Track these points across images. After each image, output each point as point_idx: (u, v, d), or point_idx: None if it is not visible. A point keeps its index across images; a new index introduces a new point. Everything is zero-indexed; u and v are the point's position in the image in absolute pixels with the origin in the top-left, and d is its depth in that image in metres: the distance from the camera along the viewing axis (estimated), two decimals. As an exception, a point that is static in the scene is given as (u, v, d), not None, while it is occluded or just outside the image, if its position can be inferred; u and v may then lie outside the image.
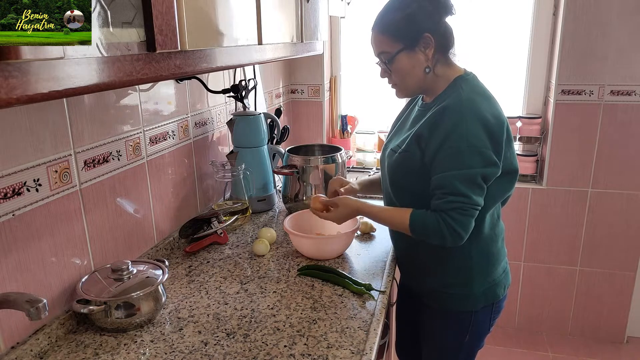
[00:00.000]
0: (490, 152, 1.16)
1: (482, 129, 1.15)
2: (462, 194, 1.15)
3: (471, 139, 1.14)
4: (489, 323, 1.38)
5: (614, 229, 2.48)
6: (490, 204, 1.25)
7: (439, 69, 1.24)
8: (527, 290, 2.68)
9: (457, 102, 1.18)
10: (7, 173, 0.95)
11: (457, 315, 1.34)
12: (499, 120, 1.19)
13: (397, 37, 1.20)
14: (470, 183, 1.15)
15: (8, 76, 0.54)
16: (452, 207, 1.16)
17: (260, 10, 1.15)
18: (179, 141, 1.57)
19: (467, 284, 1.30)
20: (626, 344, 2.62)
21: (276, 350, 1.04)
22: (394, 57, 1.21)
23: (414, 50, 1.20)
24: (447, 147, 1.15)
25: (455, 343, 1.38)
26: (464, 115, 1.15)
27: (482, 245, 1.29)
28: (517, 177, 1.29)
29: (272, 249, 1.53)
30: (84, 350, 1.05)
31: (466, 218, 1.16)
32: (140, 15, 0.73)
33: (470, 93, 1.21)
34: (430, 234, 1.19)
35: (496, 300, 1.34)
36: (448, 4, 1.21)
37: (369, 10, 2.70)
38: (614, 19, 2.22)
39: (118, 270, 1.13)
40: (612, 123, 2.35)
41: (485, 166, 1.16)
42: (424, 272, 1.37)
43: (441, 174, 1.17)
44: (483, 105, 1.19)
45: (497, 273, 1.34)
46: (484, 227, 1.28)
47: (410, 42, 1.20)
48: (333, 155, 1.77)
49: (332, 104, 2.83)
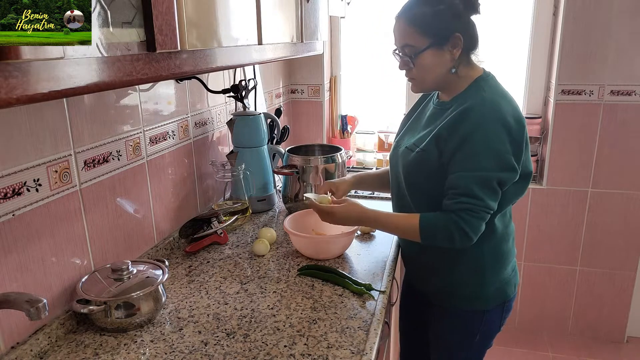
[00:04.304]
0: (510, 156, 1.15)
1: (505, 133, 1.14)
2: (475, 196, 1.14)
3: (492, 142, 1.13)
4: (500, 322, 1.37)
5: (614, 229, 2.48)
6: (504, 205, 1.23)
7: (462, 69, 1.22)
8: (527, 290, 2.68)
9: (479, 103, 1.16)
10: (7, 173, 0.95)
11: (469, 315, 1.34)
12: (520, 123, 1.17)
13: (427, 32, 1.16)
14: (485, 186, 1.14)
15: (8, 76, 0.54)
16: (463, 207, 1.14)
17: (260, 10, 1.15)
18: (179, 141, 1.57)
19: (479, 283, 1.30)
20: (626, 343, 2.63)
21: (276, 350, 1.04)
22: (420, 53, 1.18)
23: (441, 49, 1.17)
24: (467, 148, 1.14)
25: (466, 343, 1.37)
26: (487, 118, 1.14)
27: (494, 244, 1.28)
28: (530, 179, 1.27)
29: (272, 249, 1.53)
30: (84, 350, 1.05)
31: (476, 220, 1.15)
32: (140, 15, 0.73)
33: (493, 95, 1.19)
34: (439, 236, 1.17)
35: (507, 299, 1.34)
36: (476, 3, 1.18)
37: (369, 10, 2.70)
38: (614, 19, 2.22)
39: (118, 270, 1.13)
40: (612, 123, 2.35)
41: (502, 170, 1.15)
42: (435, 272, 1.35)
43: (457, 174, 1.15)
44: (506, 108, 1.17)
45: (507, 272, 1.33)
46: (497, 227, 1.27)
47: (439, 40, 1.16)
48: (333, 155, 1.77)
49: (332, 104, 2.83)
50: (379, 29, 2.75)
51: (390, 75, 2.78)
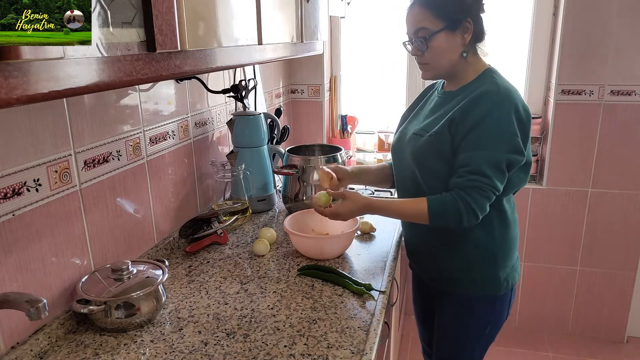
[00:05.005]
0: (519, 139, 1.21)
1: (515, 118, 1.20)
2: (485, 175, 1.18)
3: (504, 126, 1.19)
4: (507, 311, 1.41)
5: (614, 229, 2.48)
6: (508, 189, 1.29)
7: (471, 57, 1.29)
8: (527, 290, 2.68)
9: (495, 89, 1.23)
10: (7, 173, 0.95)
11: (480, 303, 1.36)
12: (527, 113, 1.25)
13: (442, 15, 1.22)
14: (495, 167, 1.19)
15: (8, 76, 0.54)
16: (473, 185, 1.19)
17: (260, 10, 1.15)
18: (179, 141, 1.57)
19: (492, 267, 1.33)
20: (626, 343, 2.63)
21: (276, 350, 1.04)
22: (434, 35, 1.23)
23: (454, 32, 1.24)
24: (480, 130, 1.19)
25: (474, 333, 1.40)
26: (502, 102, 1.21)
27: (505, 229, 1.33)
28: (530, 168, 1.33)
29: (272, 249, 1.53)
30: (84, 350, 1.05)
31: (483, 199, 1.19)
32: (140, 15, 0.73)
33: (505, 83, 1.26)
34: (449, 215, 1.20)
35: (514, 284, 1.38)
36: (482, 1, 1.27)
37: (369, 10, 2.70)
38: (614, 19, 2.22)
39: (118, 270, 1.13)
40: (612, 123, 2.35)
41: (512, 152, 1.20)
42: (447, 258, 1.36)
43: (469, 153, 1.20)
44: (517, 97, 1.24)
45: (514, 258, 1.39)
46: (507, 212, 1.32)
47: (453, 23, 1.23)
48: (333, 155, 1.77)
49: (332, 104, 2.83)
50: (379, 29, 2.75)
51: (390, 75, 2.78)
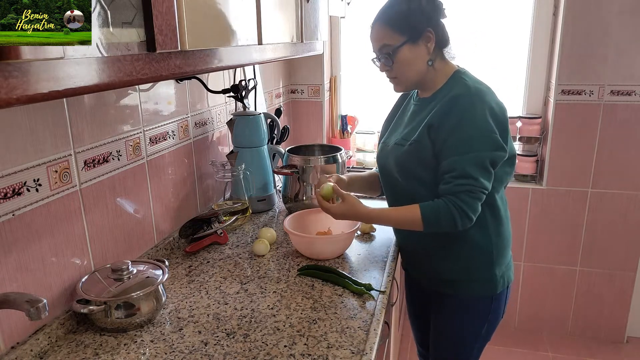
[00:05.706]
0: (497, 136, 1.22)
1: (490, 116, 1.22)
2: (472, 177, 1.19)
3: (480, 125, 1.20)
4: (503, 309, 1.42)
5: (614, 229, 2.48)
6: (497, 186, 1.30)
7: (438, 63, 1.31)
8: (527, 290, 2.68)
9: (466, 91, 1.24)
10: (7, 173, 0.95)
11: (478, 302, 1.37)
12: (501, 108, 1.26)
13: (402, 29, 1.25)
14: (479, 166, 1.20)
15: (8, 76, 0.54)
16: (462, 189, 1.19)
17: (260, 10, 1.15)
18: (179, 141, 1.57)
19: (489, 266, 1.34)
20: (626, 344, 2.62)
21: (276, 350, 1.04)
22: (398, 50, 1.26)
23: (416, 44, 1.26)
24: (458, 132, 1.20)
25: (472, 333, 1.40)
26: (475, 103, 1.22)
27: (499, 227, 1.34)
28: (515, 161, 1.35)
29: (272, 249, 1.53)
30: (84, 350, 1.05)
31: (474, 201, 1.20)
32: (140, 15, 0.73)
33: (475, 84, 1.28)
34: (442, 221, 1.21)
35: (510, 282, 1.40)
36: (442, 7, 1.29)
37: (369, 10, 2.70)
38: (614, 19, 2.22)
39: (118, 270, 1.13)
40: (612, 123, 2.35)
41: (493, 150, 1.21)
42: (444, 260, 1.36)
43: (451, 158, 1.21)
44: (488, 95, 1.26)
45: (509, 255, 1.40)
46: (501, 210, 1.33)
47: (414, 35, 1.25)
48: (333, 155, 1.77)
49: (332, 104, 2.83)
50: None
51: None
